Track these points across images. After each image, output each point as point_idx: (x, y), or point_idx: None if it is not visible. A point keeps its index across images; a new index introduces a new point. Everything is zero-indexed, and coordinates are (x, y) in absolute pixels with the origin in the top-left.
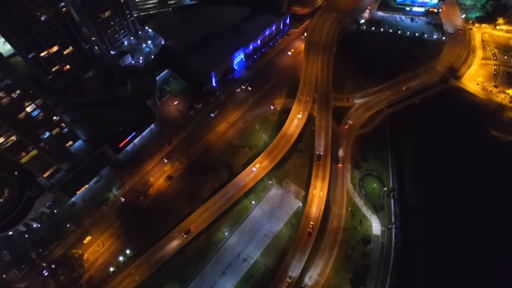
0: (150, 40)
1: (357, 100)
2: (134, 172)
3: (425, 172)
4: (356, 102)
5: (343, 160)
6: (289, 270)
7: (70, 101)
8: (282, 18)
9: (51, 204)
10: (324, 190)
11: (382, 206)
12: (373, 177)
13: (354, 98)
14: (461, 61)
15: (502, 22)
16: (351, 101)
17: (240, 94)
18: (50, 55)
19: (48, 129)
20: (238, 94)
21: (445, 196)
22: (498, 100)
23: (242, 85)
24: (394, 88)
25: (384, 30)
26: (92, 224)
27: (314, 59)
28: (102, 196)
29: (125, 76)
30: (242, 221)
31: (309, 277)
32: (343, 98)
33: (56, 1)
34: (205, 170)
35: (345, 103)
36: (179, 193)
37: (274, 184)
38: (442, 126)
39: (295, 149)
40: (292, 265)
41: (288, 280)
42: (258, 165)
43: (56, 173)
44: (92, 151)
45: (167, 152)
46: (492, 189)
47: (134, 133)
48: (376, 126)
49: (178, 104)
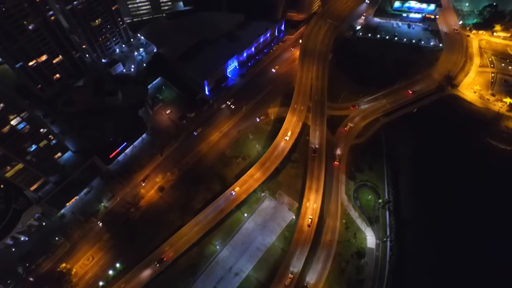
0: (142, 48)
1: (363, 106)
2: (125, 183)
3: (422, 183)
4: (362, 107)
5: (338, 171)
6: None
7: (60, 111)
8: (277, 24)
9: (40, 216)
10: (318, 202)
11: (377, 218)
12: (368, 188)
13: (361, 104)
14: (458, 68)
15: (500, 29)
16: (358, 108)
17: (234, 103)
18: (39, 64)
19: (34, 142)
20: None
21: (442, 208)
22: (496, 108)
23: (228, 101)
24: (390, 97)
25: (380, 37)
26: (82, 236)
27: (309, 67)
28: (92, 208)
29: (116, 85)
30: (234, 234)
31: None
32: (350, 106)
33: (44, 10)
34: (197, 181)
35: (341, 112)
36: (170, 205)
37: (267, 196)
38: (439, 136)
39: (288, 160)
40: (284, 277)
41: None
42: (238, 189)
43: (44, 186)
44: (82, 163)
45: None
46: (490, 200)
47: (125, 143)
48: (371, 136)
49: (170, 113)
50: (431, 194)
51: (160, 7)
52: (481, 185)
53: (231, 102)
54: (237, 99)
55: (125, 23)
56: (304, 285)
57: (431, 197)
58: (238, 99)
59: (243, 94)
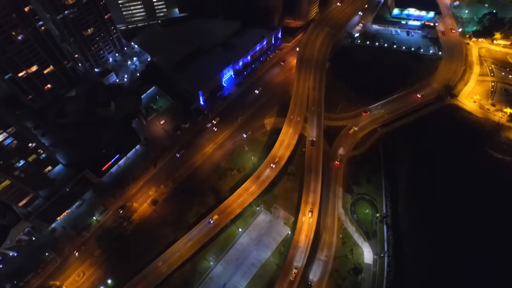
0: (136, 57)
1: (375, 111)
2: (118, 196)
3: (420, 195)
4: (375, 112)
5: (335, 184)
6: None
7: (51, 122)
8: (274, 32)
9: (30, 230)
10: (314, 217)
11: (374, 233)
12: (366, 202)
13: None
14: (457, 77)
15: (500, 36)
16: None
17: (229, 113)
18: (29, 75)
19: (22, 157)
20: (226, 113)
21: (442, 222)
22: (496, 119)
23: (214, 120)
24: (389, 106)
25: (379, 44)
26: (73, 251)
27: (306, 76)
28: (84, 222)
29: (109, 95)
30: (228, 249)
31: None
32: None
33: (33, 20)
34: (191, 194)
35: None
36: (164, 219)
37: (262, 210)
38: (438, 147)
39: (285, 172)
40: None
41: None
42: (216, 217)
43: (33, 201)
44: (73, 176)
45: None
46: (492, 212)
47: (118, 156)
48: (369, 147)
49: (164, 123)
50: (430, 208)
51: (155, 13)
52: (482, 198)
53: (217, 121)
54: (229, 112)
55: (118, 31)
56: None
57: (430, 211)
58: (230, 112)
59: (239, 104)
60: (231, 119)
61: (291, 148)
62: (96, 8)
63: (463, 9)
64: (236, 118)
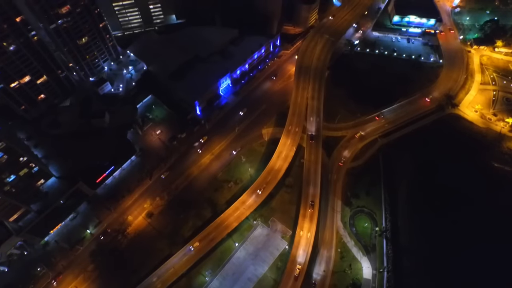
0: (131, 66)
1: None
2: (113, 208)
3: (421, 208)
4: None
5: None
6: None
7: (44, 133)
8: (272, 40)
9: (22, 244)
10: (312, 232)
11: (373, 247)
12: (365, 215)
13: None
14: (459, 86)
15: (501, 44)
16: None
17: (226, 123)
18: (22, 85)
19: (13, 172)
20: (223, 122)
21: (443, 235)
22: (497, 129)
23: (201, 139)
24: (390, 116)
25: (379, 52)
26: (66, 266)
27: (305, 86)
28: (78, 235)
29: (104, 105)
30: (225, 263)
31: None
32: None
33: (25, 30)
34: (187, 207)
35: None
36: (159, 232)
37: (259, 223)
38: (439, 157)
39: (282, 184)
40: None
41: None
42: (197, 244)
43: (25, 215)
44: (67, 189)
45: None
46: (495, 225)
47: (113, 167)
48: (369, 158)
49: (160, 134)
50: (431, 221)
51: (152, 20)
52: (485, 210)
53: (204, 140)
54: (226, 122)
55: (113, 40)
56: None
57: (431, 224)
58: (227, 121)
59: (236, 114)
60: (228, 129)
61: (289, 160)
62: (90, 17)
63: (464, 16)
64: (233, 128)
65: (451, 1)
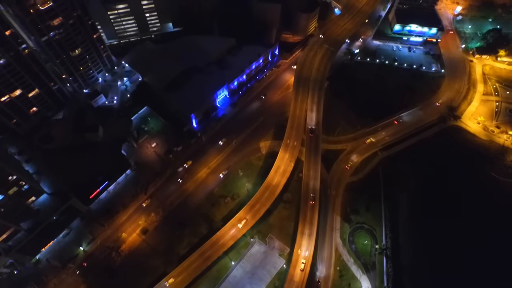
0: (126, 77)
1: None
2: (107, 224)
3: (423, 224)
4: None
5: (332, 212)
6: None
7: (36, 147)
8: (271, 49)
9: (13, 262)
10: (311, 249)
11: (373, 265)
12: (365, 231)
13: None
14: (461, 97)
15: (504, 54)
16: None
17: (223, 136)
18: (12, 99)
19: (1, 192)
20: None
21: (445, 252)
22: (501, 141)
23: (185, 164)
24: (390, 128)
25: (380, 61)
26: (57, 284)
27: (303, 98)
28: (71, 252)
29: (98, 118)
30: (221, 282)
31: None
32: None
33: (15, 44)
34: (183, 223)
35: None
36: (154, 249)
37: (257, 240)
38: (441, 171)
39: (280, 199)
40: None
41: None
42: (172, 280)
43: (14, 235)
44: (59, 206)
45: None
46: (498, 243)
47: (107, 182)
48: (369, 172)
49: (156, 146)
50: (433, 238)
51: (148, 28)
52: (488, 226)
53: (189, 165)
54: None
55: (108, 50)
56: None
57: (433, 241)
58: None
59: (233, 126)
60: (225, 142)
61: (287, 175)
62: (83, 28)
63: (466, 24)
64: (230, 141)
65: (452, 8)
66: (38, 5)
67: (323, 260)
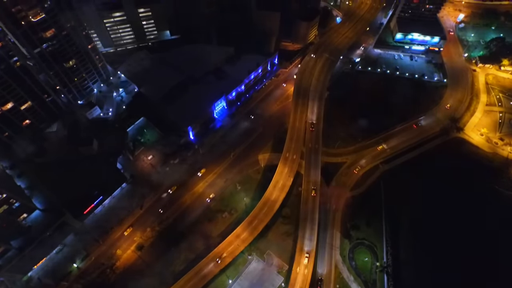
0: (122, 87)
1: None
2: (101, 240)
3: (425, 240)
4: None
5: (332, 228)
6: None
7: (29, 161)
8: (270, 58)
9: (3, 281)
10: (310, 267)
11: (374, 283)
12: (365, 247)
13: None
14: (464, 108)
15: (508, 63)
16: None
17: (221, 148)
18: (4, 112)
19: None
20: (218, 147)
21: (447, 270)
22: (504, 154)
23: (169, 190)
24: (392, 140)
25: (381, 71)
26: None
27: (303, 109)
28: (64, 269)
29: (93, 130)
30: None
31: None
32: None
33: (6, 57)
34: (179, 239)
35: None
36: (149, 266)
37: (255, 257)
38: (443, 185)
39: (279, 215)
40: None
41: None
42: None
43: (4, 254)
44: (52, 222)
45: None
46: (505, 259)
47: (102, 197)
48: (370, 186)
49: (152, 159)
50: (436, 255)
51: (145, 36)
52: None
53: (173, 190)
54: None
55: (103, 60)
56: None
57: (436, 258)
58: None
59: (231, 138)
60: (222, 155)
61: (286, 189)
62: (78, 38)
63: (468, 32)
64: (228, 154)
65: (455, 16)
66: (30, 17)
67: (322, 277)
